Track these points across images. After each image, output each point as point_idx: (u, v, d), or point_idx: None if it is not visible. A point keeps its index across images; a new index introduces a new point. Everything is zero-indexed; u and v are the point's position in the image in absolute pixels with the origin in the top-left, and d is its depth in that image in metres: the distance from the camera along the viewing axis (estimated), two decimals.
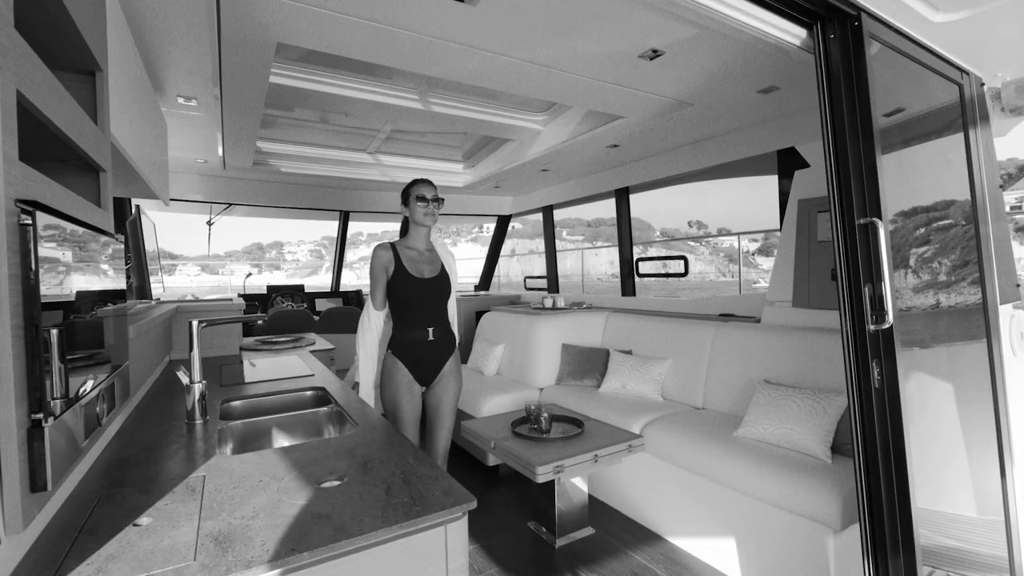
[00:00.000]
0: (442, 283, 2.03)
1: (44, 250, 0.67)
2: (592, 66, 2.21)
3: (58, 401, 0.68)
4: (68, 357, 0.73)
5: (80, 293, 0.83)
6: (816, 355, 2.38)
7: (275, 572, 0.74)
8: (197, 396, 1.44)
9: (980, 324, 1.80)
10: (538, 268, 5.93)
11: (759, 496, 1.96)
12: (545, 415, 2.47)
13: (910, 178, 1.69)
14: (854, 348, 1.38)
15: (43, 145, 0.84)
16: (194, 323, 1.53)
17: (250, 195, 4.66)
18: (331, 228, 5.60)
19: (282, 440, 1.62)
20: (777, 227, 3.16)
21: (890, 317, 1.32)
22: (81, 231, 0.84)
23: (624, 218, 4.49)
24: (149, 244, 2.92)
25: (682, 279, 4.11)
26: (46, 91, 0.71)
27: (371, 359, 2.04)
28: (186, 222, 5.47)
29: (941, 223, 1.82)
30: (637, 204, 4.51)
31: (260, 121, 2.84)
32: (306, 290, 5.62)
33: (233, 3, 1.64)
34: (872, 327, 1.35)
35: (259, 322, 4.26)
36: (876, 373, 1.36)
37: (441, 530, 0.89)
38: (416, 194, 1.99)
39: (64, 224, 0.76)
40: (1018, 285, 2.01)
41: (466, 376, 3.59)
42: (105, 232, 1.00)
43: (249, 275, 6.52)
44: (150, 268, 2.91)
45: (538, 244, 6.22)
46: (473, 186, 4.96)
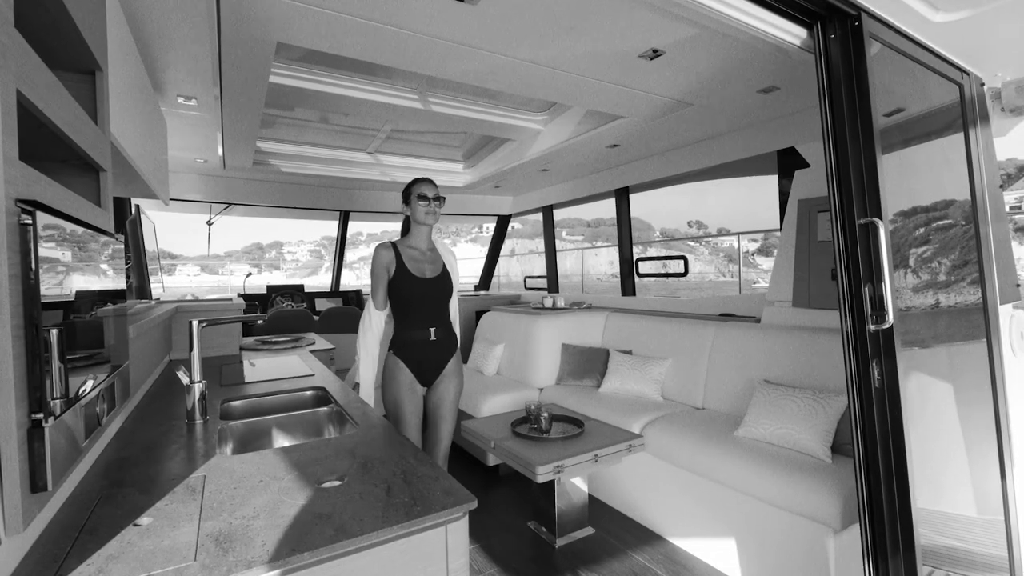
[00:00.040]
0: (444, 283, 2.03)
1: (44, 250, 0.66)
2: (592, 66, 2.21)
3: (58, 401, 0.68)
4: (68, 357, 0.72)
5: (80, 293, 0.83)
6: (816, 355, 2.38)
7: (276, 572, 0.74)
8: (197, 396, 1.44)
9: (980, 324, 1.80)
10: (538, 268, 5.93)
11: (759, 496, 1.97)
12: (545, 415, 2.47)
13: (910, 178, 1.70)
14: (854, 348, 1.39)
15: (43, 145, 0.84)
16: (194, 323, 1.53)
17: (250, 195, 4.66)
18: (331, 228, 5.60)
19: (282, 440, 1.62)
20: (777, 227, 3.16)
21: (890, 317, 1.32)
22: (81, 231, 0.84)
23: (624, 218, 4.49)
24: (149, 244, 2.91)
25: (681, 279, 4.11)
26: (46, 91, 0.71)
27: (372, 359, 2.02)
28: (186, 222, 5.47)
29: (941, 223, 1.82)
30: (637, 204, 4.51)
31: (260, 121, 2.84)
32: (306, 290, 5.61)
33: (233, 2, 1.63)
34: (872, 327, 1.35)
35: (259, 322, 4.25)
36: (876, 373, 1.36)
37: (442, 530, 0.89)
38: (417, 193, 1.98)
39: (64, 224, 0.76)
40: (1018, 285, 2.01)
41: (466, 376, 3.59)
42: (105, 232, 1.00)
43: (249, 275, 6.52)
44: (150, 268, 2.91)
45: (538, 244, 6.22)
46: (473, 186, 4.96)
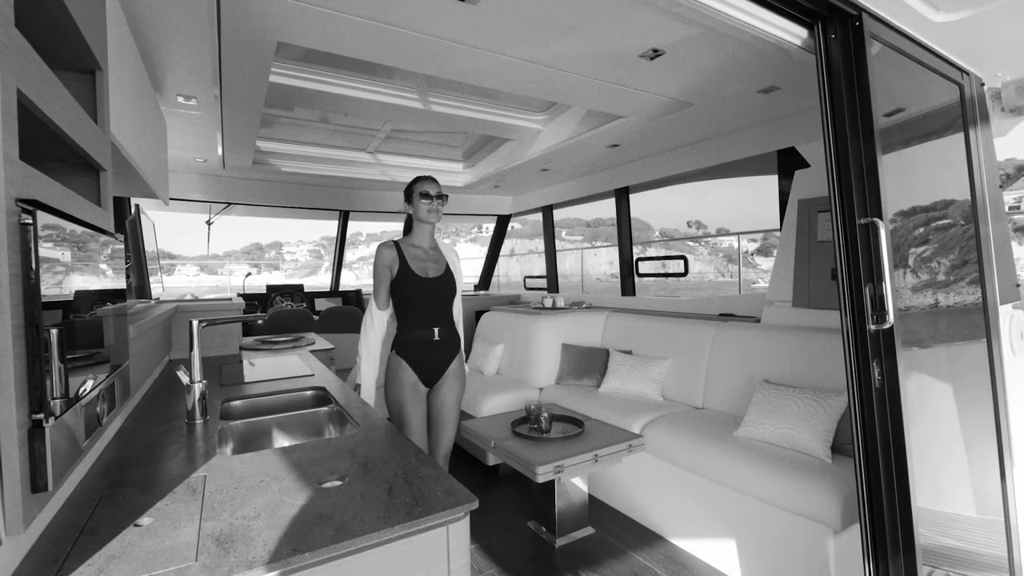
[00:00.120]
0: (447, 282, 2.01)
1: (43, 250, 0.66)
2: (592, 66, 2.21)
3: (58, 401, 0.68)
4: (68, 357, 0.72)
5: (80, 293, 0.83)
6: (816, 355, 2.38)
7: (277, 572, 0.74)
8: (197, 396, 1.44)
9: (980, 324, 1.80)
10: (537, 268, 5.93)
11: (759, 496, 1.97)
12: (545, 415, 2.47)
13: (910, 178, 1.70)
14: (855, 348, 1.38)
15: (43, 144, 0.84)
16: (194, 323, 1.53)
17: (249, 195, 4.65)
18: (330, 228, 5.59)
19: (282, 440, 1.62)
20: (777, 227, 3.16)
21: (891, 317, 1.32)
22: (80, 231, 0.84)
23: (624, 218, 4.49)
24: (148, 244, 2.91)
25: (681, 279, 4.11)
26: (47, 90, 0.71)
27: (374, 359, 2.00)
28: (186, 222, 5.46)
29: (940, 223, 1.82)
30: (636, 204, 4.51)
31: (260, 120, 2.84)
32: (305, 290, 5.61)
33: (233, 2, 1.63)
34: (873, 327, 1.35)
35: (259, 322, 4.25)
36: (877, 373, 1.36)
37: (443, 530, 0.89)
38: (420, 191, 1.97)
39: (64, 223, 0.76)
40: (1018, 285, 2.01)
41: (467, 376, 3.59)
42: (105, 231, 0.99)
43: (248, 275, 6.51)
44: (149, 268, 2.90)
45: (537, 244, 6.22)
46: (473, 186, 4.96)
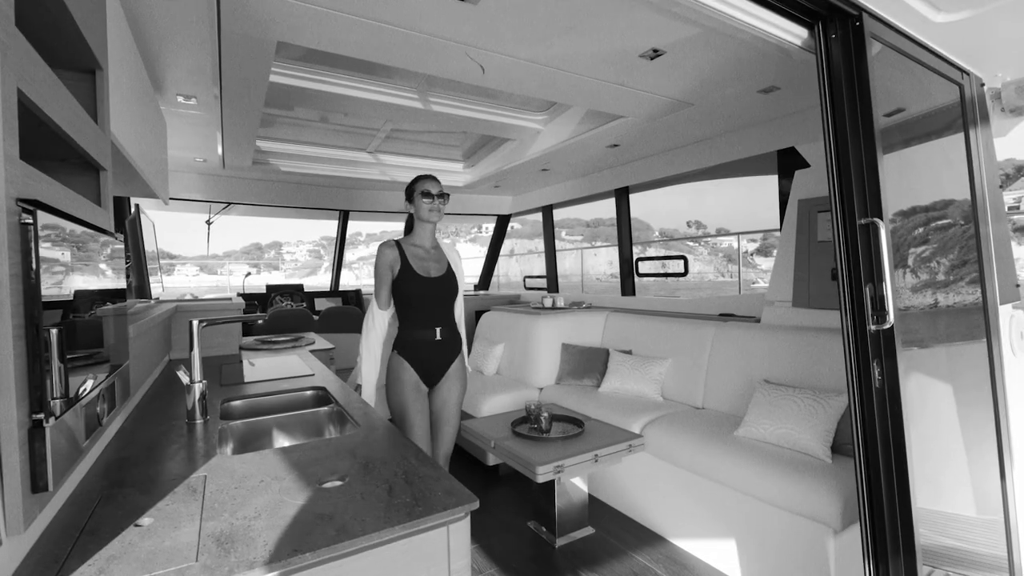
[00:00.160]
0: (449, 282, 2.00)
1: (43, 250, 0.66)
2: (592, 65, 2.21)
3: (58, 401, 0.68)
4: (68, 357, 0.72)
5: (80, 292, 0.82)
6: (816, 355, 2.38)
7: (277, 573, 0.74)
8: (198, 396, 1.44)
9: (980, 324, 1.80)
10: (537, 268, 5.93)
11: (759, 496, 1.97)
12: (545, 415, 2.47)
13: (910, 178, 1.70)
14: (855, 348, 1.39)
15: (43, 144, 0.84)
16: (194, 323, 1.52)
17: (249, 194, 4.65)
18: (330, 228, 5.59)
19: (283, 440, 1.61)
20: (776, 227, 3.16)
21: (891, 317, 1.32)
22: (80, 230, 0.84)
23: (624, 218, 4.49)
24: (148, 243, 2.91)
25: (681, 279, 4.11)
26: (47, 90, 0.71)
27: (375, 359, 1.99)
28: (185, 221, 5.46)
29: (940, 223, 1.82)
30: (635, 204, 4.51)
31: (260, 120, 2.84)
32: (305, 290, 5.61)
33: (233, 1, 1.63)
34: (873, 327, 1.35)
35: (259, 322, 4.25)
36: (877, 373, 1.36)
37: (443, 530, 0.88)
38: (421, 190, 1.95)
39: (64, 223, 0.76)
40: (1018, 285, 2.01)
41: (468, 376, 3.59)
42: (105, 231, 0.99)
43: (248, 275, 6.53)
44: (149, 268, 2.90)
45: (537, 244, 6.22)
46: (473, 185, 4.96)
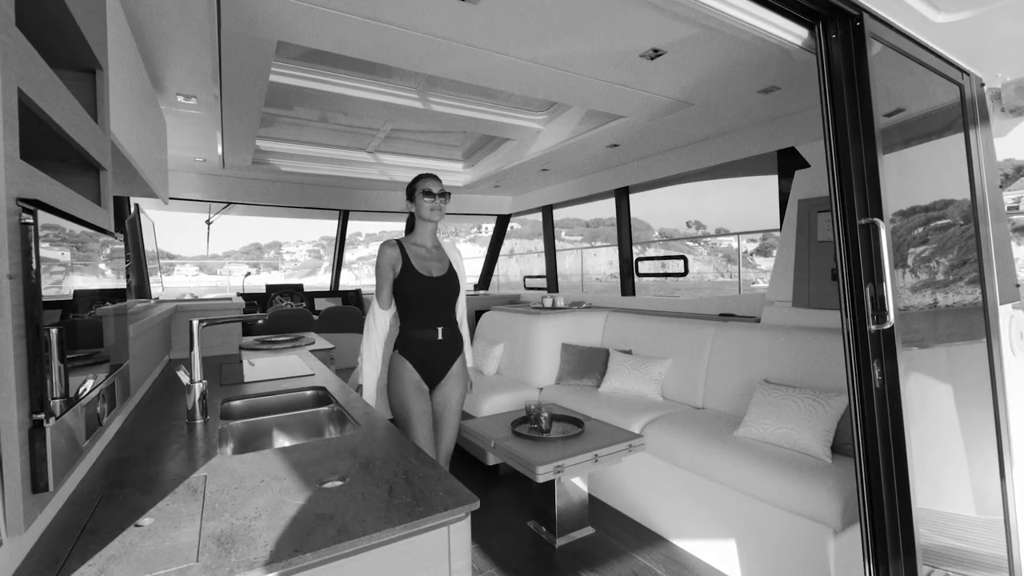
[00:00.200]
0: (451, 282, 1.99)
1: (43, 250, 0.66)
2: (593, 65, 2.21)
3: (58, 401, 0.68)
4: (68, 357, 0.72)
5: (80, 292, 0.82)
6: (816, 355, 2.38)
7: (278, 573, 0.74)
8: (198, 396, 1.44)
9: (980, 324, 1.80)
10: (536, 268, 5.93)
11: (759, 496, 1.97)
12: (545, 415, 2.47)
13: (910, 178, 1.70)
14: (855, 348, 1.38)
15: (43, 143, 0.83)
16: (195, 323, 1.52)
17: (249, 194, 4.65)
18: (329, 228, 5.59)
19: (283, 440, 1.61)
20: (776, 227, 3.16)
21: (891, 317, 1.32)
22: (80, 230, 0.84)
23: (624, 218, 4.50)
24: (148, 243, 2.91)
25: (680, 279, 4.11)
26: (47, 89, 0.71)
27: (376, 359, 1.97)
28: (184, 221, 5.46)
29: (940, 222, 1.82)
30: (635, 204, 4.51)
31: (260, 120, 2.84)
32: (305, 290, 5.61)
33: (233, 1, 1.63)
34: (873, 327, 1.35)
35: (259, 321, 4.25)
36: (877, 373, 1.36)
37: (444, 530, 0.88)
38: (422, 189, 1.94)
39: (63, 223, 0.76)
40: (1017, 285, 2.01)
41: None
42: (105, 231, 0.99)
43: (248, 274, 6.53)
44: (149, 267, 2.90)
45: (536, 244, 6.23)
46: (473, 185, 4.96)
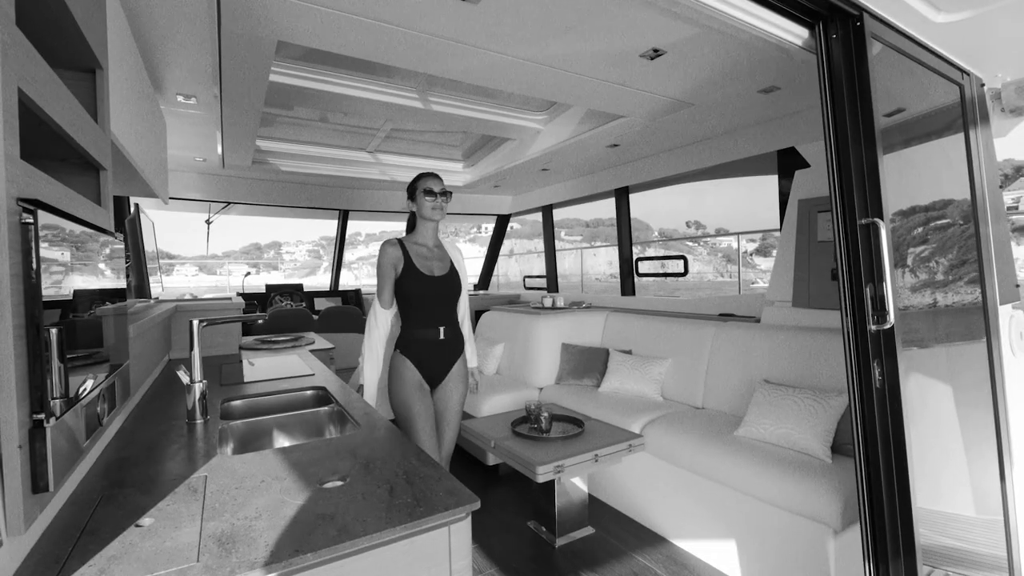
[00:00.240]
0: (453, 281, 1.98)
1: (43, 250, 0.66)
2: (593, 65, 2.21)
3: (58, 401, 0.68)
4: (68, 357, 0.72)
5: (80, 292, 0.82)
6: (816, 355, 2.38)
7: (278, 573, 0.73)
8: (198, 396, 1.44)
9: (980, 324, 1.80)
10: (536, 268, 5.93)
11: (759, 496, 1.97)
12: (545, 415, 2.47)
13: (910, 178, 1.70)
14: (855, 348, 1.39)
15: (43, 143, 0.83)
16: (195, 322, 1.52)
17: (249, 194, 4.65)
18: (329, 228, 5.59)
19: (283, 440, 1.61)
20: (776, 227, 3.17)
21: (891, 317, 1.32)
22: (79, 230, 0.83)
23: (624, 218, 4.50)
24: (148, 243, 2.90)
25: (680, 279, 4.11)
26: (47, 89, 0.71)
27: (377, 359, 1.96)
28: (184, 221, 5.46)
29: (939, 222, 1.82)
30: (634, 204, 4.51)
31: (260, 119, 2.83)
32: (304, 289, 5.61)
33: (233, 0, 1.63)
34: (873, 327, 1.35)
35: (259, 321, 4.24)
36: (877, 373, 1.36)
37: (445, 531, 0.88)
38: (423, 188, 1.93)
39: (63, 223, 0.76)
40: (1017, 285, 2.02)
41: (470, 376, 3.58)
42: (105, 231, 0.99)
43: (247, 274, 6.53)
44: (149, 267, 2.89)
45: (536, 244, 6.23)
46: (473, 185, 4.96)
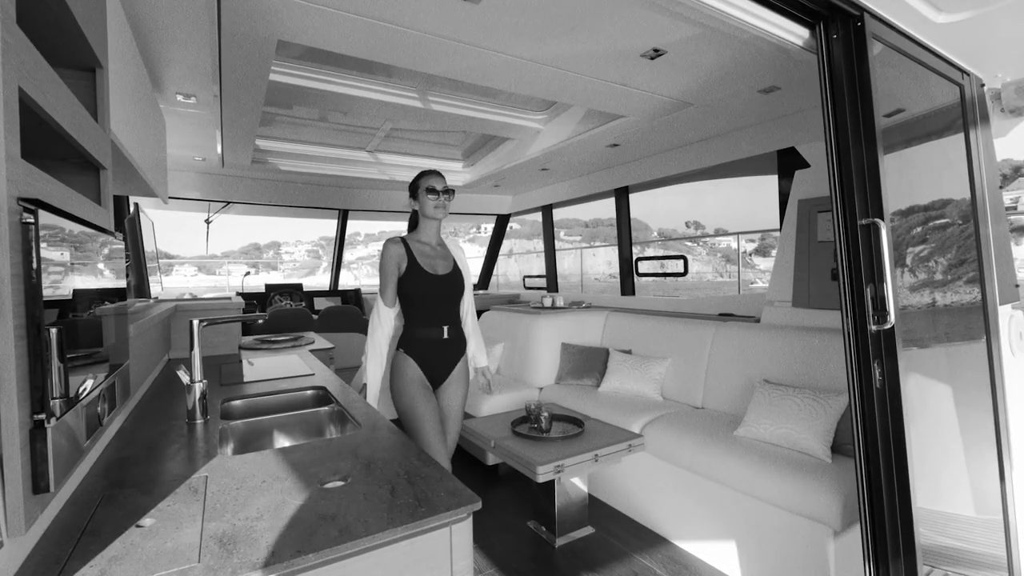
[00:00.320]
0: (456, 280, 1.97)
1: (45, 249, 0.66)
2: (594, 65, 2.21)
3: (59, 401, 0.68)
4: (68, 356, 0.72)
5: (80, 292, 0.82)
6: (816, 355, 2.38)
7: (280, 574, 0.73)
8: (198, 396, 1.44)
9: (979, 324, 1.80)
10: (535, 268, 5.94)
11: (759, 496, 1.97)
12: (545, 414, 2.47)
13: (910, 178, 1.70)
14: (856, 348, 1.39)
15: (44, 142, 0.83)
16: (195, 322, 1.52)
17: (248, 193, 4.64)
18: (328, 228, 5.60)
19: (283, 440, 1.61)
20: (775, 227, 3.17)
21: (892, 317, 1.32)
22: (79, 230, 0.83)
23: (624, 218, 4.50)
24: (147, 243, 2.90)
25: (679, 279, 4.12)
26: (48, 88, 0.70)
27: (381, 358, 1.94)
28: (183, 221, 5.45)
29: (939, 222, 1.82)
30: (633, 204, 4.51)
31: (259, 119, 2.83)
32: (304, 289, 5.60)
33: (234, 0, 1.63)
34: (874, 327, 1.35)
35: (259, 321, 4.24)
36: (878, 373, 1.36)
37: (446, 531, 0.88)
38: (426, 186, 1.91)
39: (63, 222, 0.75)
40: (1017, 285, 2.02)
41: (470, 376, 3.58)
42: (105, 230, 0.99)
43: (247, 274, 6.53)
44: (148, 267, 2.89)
45: (535, 244, 6.23)
46: (472, 185, 4.96)
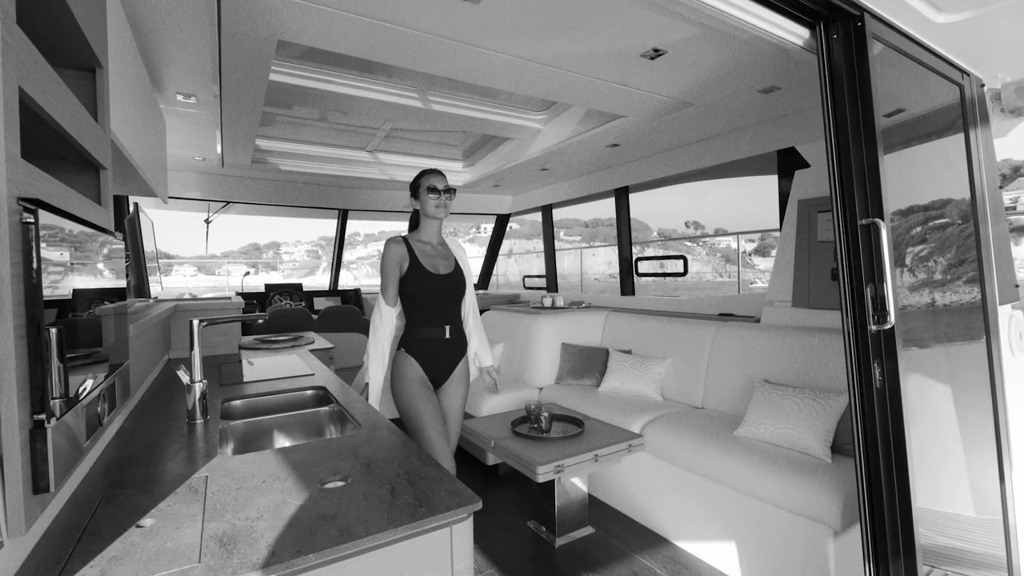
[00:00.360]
0: (458, 279, 1.96)
1: (45, 249, 0.66)
2: (594, 65, 2.21)
3: (59, 401, 0.67)
4: (68, 356, 0.72)
5: (80, 292, 0.82)
6: (816, 355, 2.38)
7: (280, 574, 0.73)
8: (198, 395, 1.43)
9: (979, 324, 1.80)
10: (535, 268, 5.94)
11: (759, 496, 1.97)
12: (545, 414, 2.47)
13: (910, 178, 1.70)
14: (856, 348, 1.39)
15: (44, 142, 0.83)
16: (195, 322, 1.52)
17: (248, 193, 4.64)
18: (328, 228, 5.61)
19: (283, 440, 1.61)
20: (775, 227, 3.17)
21: (892, 317, 1.32)
22: (79, 230, 0.83)
23: (624, 218, 4.50)
24: (147, 243, 2.89)
25: (679, 279, 4.12)
26: (48, 88, 0.70)
27: (383, 357, 1.94)
28: (182, 220, 5.46)
29: (938, 222, 1.82)
30: (633, 204, 4.51)
31: (259, 119, 2.83)
32: (304, 289, 5.60)
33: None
34: (874, 327, 1.35)
35: (259, 321, 4.24)
36: (878, 373, 1.36)
37: (447, 531, 0.88)
38: (427, 185, 1.90)
39: (63, 222, 0.75)
40: (1016, 285, 2.02)
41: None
42: (105, 230, 0.99)
43: (247, 274, 6.53)
44: (148, 267, 2.89)
45: (535, 244, 6.24)
46: (472, 185, 4.96)
